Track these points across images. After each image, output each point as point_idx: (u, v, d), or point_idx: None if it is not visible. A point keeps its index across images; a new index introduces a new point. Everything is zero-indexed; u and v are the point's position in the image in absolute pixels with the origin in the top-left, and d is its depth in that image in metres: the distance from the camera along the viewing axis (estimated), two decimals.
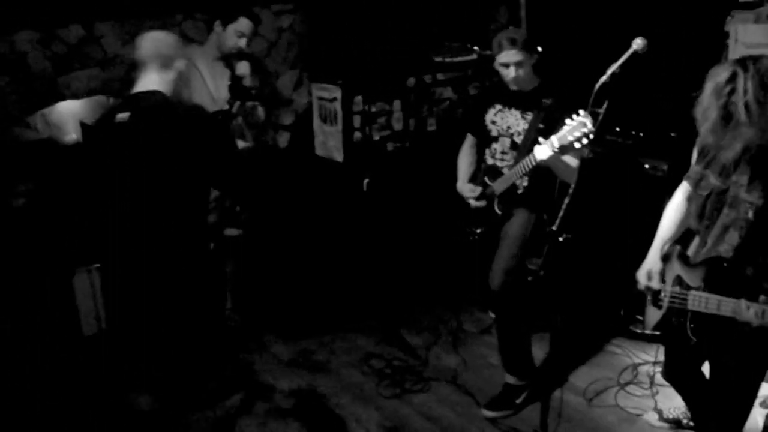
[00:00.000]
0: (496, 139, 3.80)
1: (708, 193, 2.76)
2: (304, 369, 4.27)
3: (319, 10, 5.11)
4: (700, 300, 2.69)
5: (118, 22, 4.38)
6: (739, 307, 2.54)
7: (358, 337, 4.61)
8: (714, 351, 2.79)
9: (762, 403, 3.66)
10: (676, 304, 2.81)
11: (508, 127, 3.74)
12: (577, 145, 3.15)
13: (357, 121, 4.91)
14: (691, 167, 2.91)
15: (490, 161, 3.85)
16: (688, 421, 3.56)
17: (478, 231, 3.88)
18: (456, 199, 3.97)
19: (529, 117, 3.65)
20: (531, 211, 3.74)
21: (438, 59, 5.23)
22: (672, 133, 4.38)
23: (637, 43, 2.88)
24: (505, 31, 3.72)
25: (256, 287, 4.72)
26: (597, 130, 3.09)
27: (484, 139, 3.88)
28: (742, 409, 2.84)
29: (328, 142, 4.97)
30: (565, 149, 3.22)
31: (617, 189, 4.41)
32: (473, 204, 3.87)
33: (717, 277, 2.68)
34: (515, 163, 3.60)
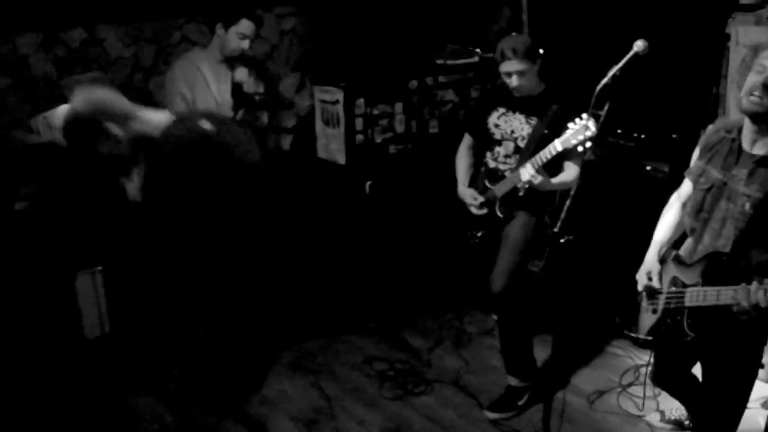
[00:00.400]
0: (499, 142, 3.80)
1: (707, 188, 2.78)
2: (306, 371, 4.28)
3: (321, 13, 5.12)
4: (698, 294, 2.70)
5: (120, 24, 4.39)
6: (740, 292, 2.54)
7: (360, 339, 4.61)
8: (709, 345, 2.79)
9: (764, 404, 3.67)
10: (672, 305, 2.82)
11: (512, 131, 3.73)
12: (580, 149, 3.17)
13: (359, 123, 4.91)
14: (693, 163, 2.93)
15: (491, 164, 3.85)
16: (689, 422, 3.56)
17: (479, 234, 3.89)
18: (457, 202, 3.97)
19: (533, 122, 3.64)
20: (532, 213, 3.74)
21: (440, 62, 5.24)
22: (673, 135, 4.38)
23: (639, 45, 2.88)
24: (507, 39, 3.68)
25: (257, 289, 4.72)
26: (598, 132, 3.10)
27: (486, 142, 3.87)
28: (737, 407, 2.85)
29: (331, 144, 4.97)
30: (568, 153, 3.24)
31: (619, 191, 4.42)
32: (475, 212, 3.88)
33: (716, 271, 2.68)
34: (518, 166, 3.61)
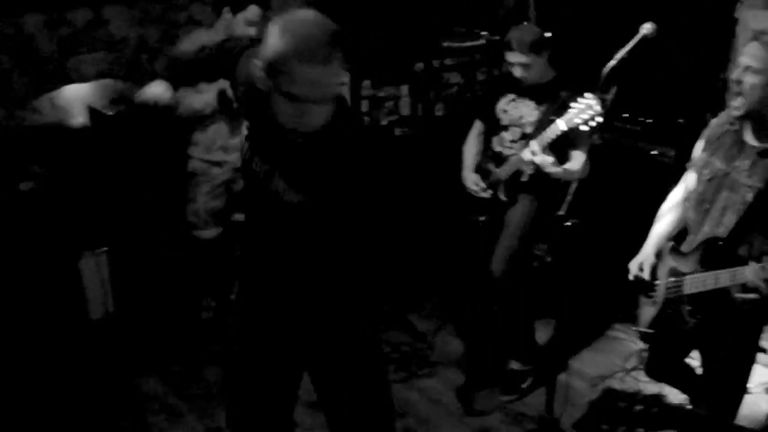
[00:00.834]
0: (506, 128, 3.78)
1: (710, 178, 2.78)
2: None
3: None
4: (697, 281, 2.70)
5: (125, 5, 4.37)
6: (749, 271, 2.54)
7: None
8: (708, 331, 2.80)
9: (767, 389, 3.67)
10: (672, 294, 2.82)
11: (521, 117, 3.71)
12: (584, 128, 3.13)
13: (365, 105, 4.89)
14: (696, 156, 2.92)
15: (497, 148, 3.83)
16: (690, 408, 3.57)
17: (482, 219, 3.88)
18: (462, 186, 3.96)
19: (543, 108, 3.62)
20: (535, 197, 3.73)
21: (446, 44, 5.20)
22: (680, 120, 4.36)
23: (646, 28, 2.87)
24: (516, 29, 3.63)
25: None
26: (605, 116, 3.08)
27: (493, 127, 3.86)
28: (737, 391, 2.86)
29: None
30: (573, 132, 3.21)
31: (624, 175, 4.40)
32: (478, 193, 3.86)
33: (713, 256, 2.68)
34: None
